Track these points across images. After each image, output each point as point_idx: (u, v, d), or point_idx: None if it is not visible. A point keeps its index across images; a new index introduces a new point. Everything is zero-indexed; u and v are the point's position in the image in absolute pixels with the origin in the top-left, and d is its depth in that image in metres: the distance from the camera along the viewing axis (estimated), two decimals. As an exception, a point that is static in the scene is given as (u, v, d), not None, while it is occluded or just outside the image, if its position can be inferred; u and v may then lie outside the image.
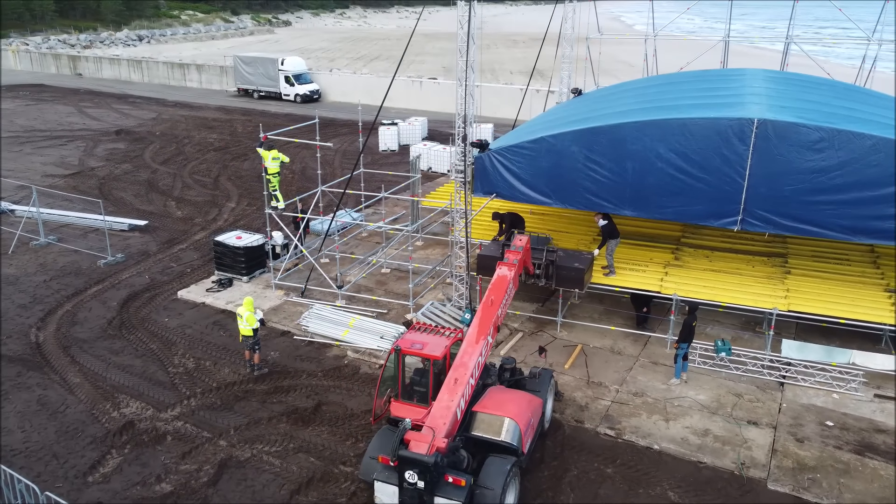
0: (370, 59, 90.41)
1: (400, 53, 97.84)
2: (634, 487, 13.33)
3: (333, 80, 55.39)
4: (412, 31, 20.75)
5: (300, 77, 53.76)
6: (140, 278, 22.48)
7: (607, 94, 24.03)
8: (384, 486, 11.72)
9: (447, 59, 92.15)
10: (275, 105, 52.63)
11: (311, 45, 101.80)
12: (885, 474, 13.54)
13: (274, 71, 53.49)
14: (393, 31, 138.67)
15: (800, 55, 29.84)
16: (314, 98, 53.64)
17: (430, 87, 51.56)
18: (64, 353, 18.04)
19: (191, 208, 29.26)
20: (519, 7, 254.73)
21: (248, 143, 40.49)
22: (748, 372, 16.81)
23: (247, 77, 55.15)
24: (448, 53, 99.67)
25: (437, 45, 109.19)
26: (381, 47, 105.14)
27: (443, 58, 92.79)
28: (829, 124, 15.45)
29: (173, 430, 14.98)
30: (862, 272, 18.75)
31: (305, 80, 54.06)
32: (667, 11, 29.41)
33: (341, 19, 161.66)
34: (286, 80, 53.28)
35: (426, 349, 13.10)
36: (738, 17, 28.31)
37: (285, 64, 53.36)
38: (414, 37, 37.67)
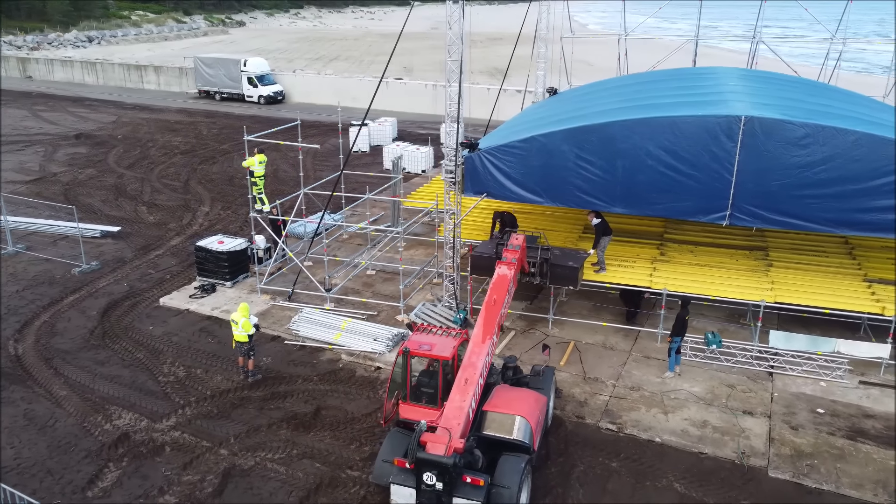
0: (329, 59, 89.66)
1: (358, 54, 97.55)
2: (641, 480, 13.53)
3: (297, 81, 54.78)
4: (400, 31, 20.63)
5: (263, 78, 53.02)
6: (118, 286, 21.89)
7: (586, 93, 24.31)
8: (401, 488, 11.66)
9: (407, 59, 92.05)
10: (238, 107, 51.80)
11: (267, 46, 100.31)
12: (879, 458, 14.03)
13: (236, 72, 52.65)
14: (349, 31, 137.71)
15: (764, 54, 30.65)
16: (278, 99, 52.98)
17: (396, 88, 51.43)
18: (46, 366, 17.47)
19: (163, 213, 28.62)
20: (473, 7, 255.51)
21: (214, 146, 39.82)
22: (738, 363, 17.22)
23: (208, 78, 54.14)
24: (407, 53, 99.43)
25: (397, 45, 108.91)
26: (339, 48, 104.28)
27: (403, 58, 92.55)
28: (813, 120, 15.92)
29: (171, 441, 14.64)
30: (839, 263, 19.37)
31: (269, 81, 53.35)
32: (631, 13, 29.78)
33: (296, 19, 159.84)
34: (249, 82, 52.50)
35: (434, 350, 13.08)
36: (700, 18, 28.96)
37: (248, 65, 52.57)
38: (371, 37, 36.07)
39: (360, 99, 52.16)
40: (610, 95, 21.81)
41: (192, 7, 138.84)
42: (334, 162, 36.54)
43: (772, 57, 29.45)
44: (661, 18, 32.71)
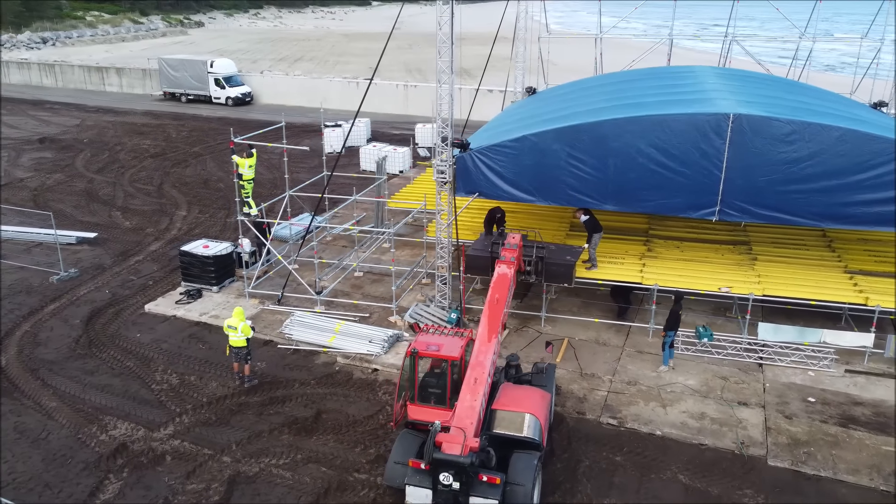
0: (293, 60, 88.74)
1: (322, 54, 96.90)
2: (646, 473, 13.75)
3: (265, 82, 54.13)
4: (390, 32, 20.42)
5: (231, 79, 52.28)
6: (100, 293, 21.40)
7: (568, 92, 24.57)
8: (417, 490, 11.66)
9: (372, 59, 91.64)
10: (205, 109, 50.96)
11: (228, 47, 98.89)
12: (871, 443, 14.48)
13: (203, 73, 51.80)
14: (311, 31, 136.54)
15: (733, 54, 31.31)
16: (246, 101, 52.29)
17: (366, 88, 51.05)
18: (32, 377, 17.00)
19: (139, 218, 28.04)
20: (433, 7, 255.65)
21: (185, 149, 39.14)
22: (729, 356, 17.59)
23: (173, 80, 53.16)
24: (372, 54, 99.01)
25: (359, 45, 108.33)
26: (302, 48, 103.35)
27: (368, 58, 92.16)
28: (799, 117, 16.36)
29: (171, 450, 14.38)
30: (820, 256, 19.93)
31: (236, 82, 52.62)
32: (591, 13, 30.24)
33: (256, 20, 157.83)
34: (216, 83, 51.70)
35: (442, 350, 13.09)
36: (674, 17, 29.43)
37: (215, 66, 51.76)
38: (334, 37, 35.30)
39: (330, 100, 51.79)
40: (593, 94, 22.08)
41: (149, 7, 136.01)
42: (310, 164, 36.29)
43: (742, 56, 30.14)
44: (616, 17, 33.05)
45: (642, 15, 31.66)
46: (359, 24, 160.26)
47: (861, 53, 27.63)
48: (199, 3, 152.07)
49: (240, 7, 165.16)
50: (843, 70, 42.38)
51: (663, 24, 28.55)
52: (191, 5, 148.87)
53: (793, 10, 27.67)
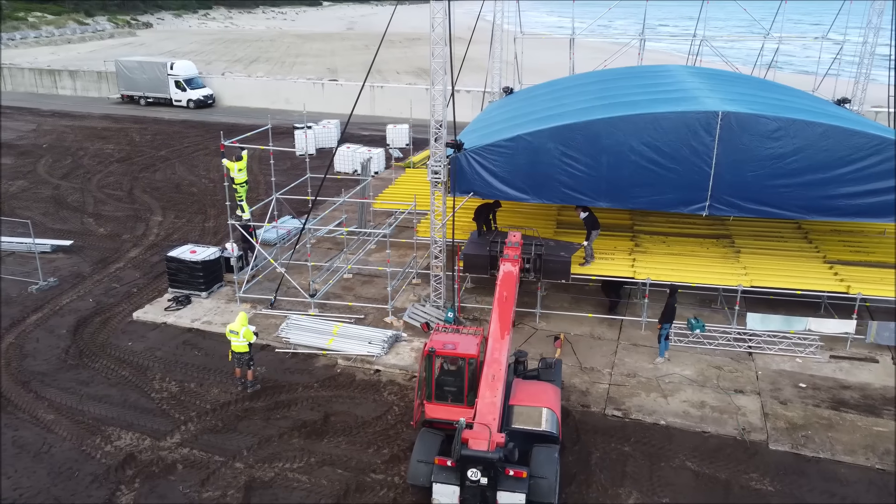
0: (249, 61, 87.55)
1: (278, 55, 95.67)
2: (656, 462, 14.14)
3: (227, 84, 53.31)
4: (384, 32, 20.36)
5: (192, 81, 51.34)
6: (83, 302, 20.88)
7: (548, 92, 24.95)
8: (444, 487, 11.79)
9: (329, 60, 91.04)
10: (166, 111, 49.93)
11: (180, 48, 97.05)
12: (863, 425, 15.18)
13: (163, 75, 50.75)
14: (263, 32, 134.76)
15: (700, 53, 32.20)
16: (208, 103, 51.45)
17: (332, 89, 50.85)
18: (24, 389, 16.53)
19: (113, 224, 27.39)
20: (385, 7, 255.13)
21: (151, 153, 38.34)
22: (720, 346, 18.18)
23: (131, 83, 51.95)
24: (328, 55, 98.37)
25: (314, 46, 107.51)
26: (256, 49, 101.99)
27: (324, 59, 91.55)
28: (782, 114, 17.01)
29: (181, 458, 14.20)
30: (799, 247, 20.72)
31: (198, 84, 51.70)
32: (561, 15, 30.65)
33: (206, 20, 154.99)
34: (177, 85, 50.73)
35: (459, 349, 13.25)
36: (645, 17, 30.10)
37: (175, 68, 50.77)
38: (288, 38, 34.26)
39: (293, 101, 51.37)
40: (577, 94, 22.50)
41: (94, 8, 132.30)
42: (282, 166, 35.94)
43: (708, 56, 30.98)
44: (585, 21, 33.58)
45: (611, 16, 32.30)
46: (311, 25, 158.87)
47: (822, 52, 28.71)
48: (147, 4, 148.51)
49: (188, 7, 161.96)
50: (805, 69, 43.92)
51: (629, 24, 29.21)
52: (137, 5, 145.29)
53: (758, 10, 28.60)
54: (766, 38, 29.04)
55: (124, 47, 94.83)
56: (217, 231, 26.72)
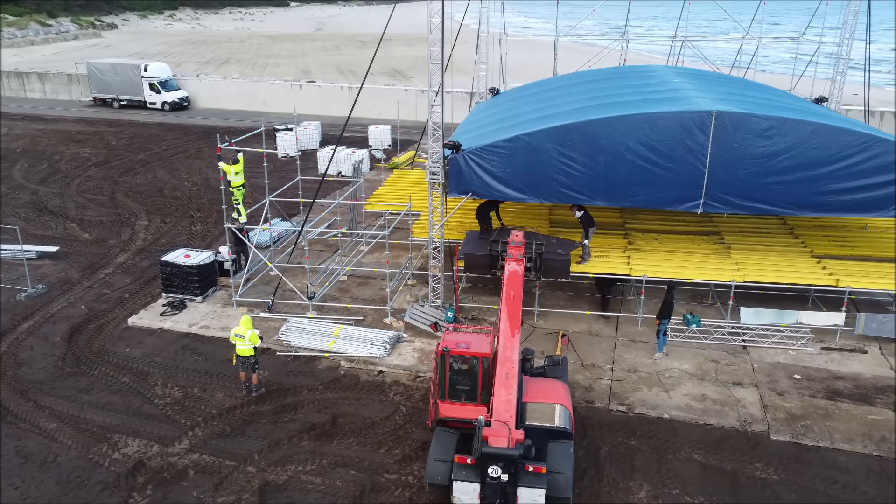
0: (220, 63, 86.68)
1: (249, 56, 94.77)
2: (663, 455, 14.44)
3: (202, 86, 52.68)
4: (381, 34, 20.39)
5: (166, 84, 50.66)
6: (75, 309, 20.57)
7: (537, 93, 25.22)
8: (464, 485, 11.91)
9: (301, 61, 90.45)
10: (141, 114, 49.17)
11: (147, 50, 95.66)
12: (858, 414, 15.68)
13: (136, 78, 50.00)
14: (232, 33, 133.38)
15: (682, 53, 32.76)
16: (184, 105, 50.81)
17: (310, 91, 50.59)
18: (23, 399, 16.27)
19: (98, 230, 26.97)
20: (352, 7, 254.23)
21: (130, 157, 37.79)
22: (715, 340, 18.59)
23: (104, 85, 51.07)
24: (299, 55, 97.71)
25: (284, 47, 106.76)
26: (226, 50, 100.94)
27: (296, 60, 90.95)
28: (775, 113, 17.47)
29: (192, 464, 14.12)
30: (786, 242, 21.27)
31: (172, 86, 51.02)
32: (531, 17, 30.89)
33: (172, 21, 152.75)
34: (151, 88, 50.02)
35: (472, 348, 13.38)
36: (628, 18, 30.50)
37: (149, 70, 50.04)
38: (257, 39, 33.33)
39: (270, 103, 51.08)
40: (568, 94, 22.80)
41: (56, 8, 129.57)
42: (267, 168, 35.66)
43: (687, 56, 31.57)
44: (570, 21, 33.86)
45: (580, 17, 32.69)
46: (279, 26, 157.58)
47: (799, 52, 29.45)
48: (111, 4, 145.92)
49: (153, 8, 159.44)
50: (782, 68, 44.89)
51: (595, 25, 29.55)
52: (101, 6, 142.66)
53: (737, 10, 29.21)
54: (744, 39, 29.67)
55: (90, 49, 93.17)
56: (205, 235, 26.48)
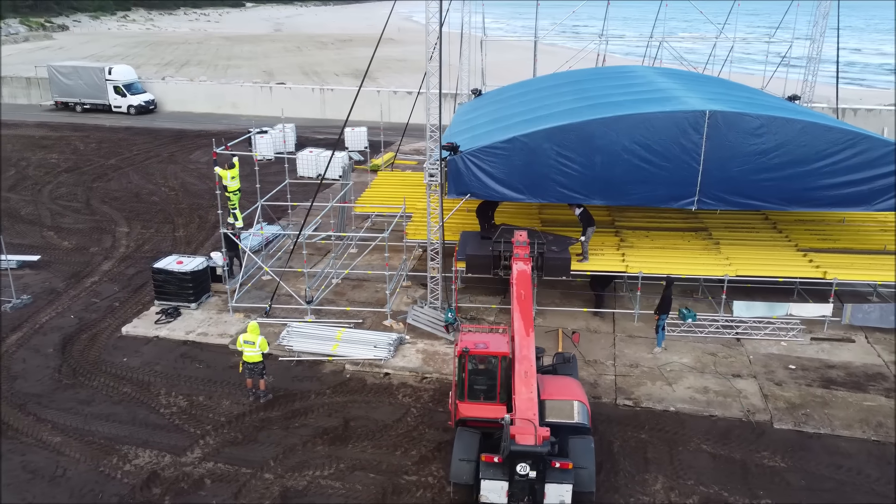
0: (180, 65, 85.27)
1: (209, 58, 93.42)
2: (674, 447, 14.79)
3: (169, 89, 51.70)
4: (380, 35, 20.33)
5: (132, 87, 49.59)
6: (64, 319, 20.08)
7: (523, 93, 25.49)
8: (493, 483, 12.03)
9: (262, 62, 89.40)
10: (106, 118, 48.03)
11: (103, 52, 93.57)
12: (853, 401, 16.28)
13: (100, 81, 48.83)
14: (188, 34, 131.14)
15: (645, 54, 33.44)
16: (150, 109, 49.80)
17: (280, 93, 50.05)
18: (22, 412, 15.85)
19: (78, 237, 26.33)
20: (309, 8, 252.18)
21: (100, 162, 36.94)
22: (710, 334, 19.08)
23: (66, 89, 49.72)
24: (260, 57, 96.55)
25: (244, 48, 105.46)
26: (185, 52, 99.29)
27: (258, 62, 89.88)
28: (765, 112, 18.02)
29: (207, 472, 13.96)
30: (771, 237, 21.93)
31: (137, 89, 49.98)
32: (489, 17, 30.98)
33: (125, 22, 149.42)
34: (116, 91, 48.90)
35: (491, 347, 13.51)
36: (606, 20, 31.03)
37: (113, 73, 48.89)
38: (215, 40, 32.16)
39: (240, 106, 50.46)
40: (556, 95, 23.10)
41: (4, 9, 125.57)
42: (241, 171, 35.15)
43: (682, 57, 32.21)
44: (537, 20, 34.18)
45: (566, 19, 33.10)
46: (236, 27, 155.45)
47: (770, 51, 30.34)
48: (61, 5, 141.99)
49: (105, 9, 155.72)
50: (754, 67, 46.03)
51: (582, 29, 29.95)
52: (51, 7, 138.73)
53: (711, 10, 29.94)
54: (717, 39, 30.43)
55: (43, 51, 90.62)
56: (189, 241, 26.08)
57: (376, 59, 29.89)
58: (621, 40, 29.92)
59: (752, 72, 32.47)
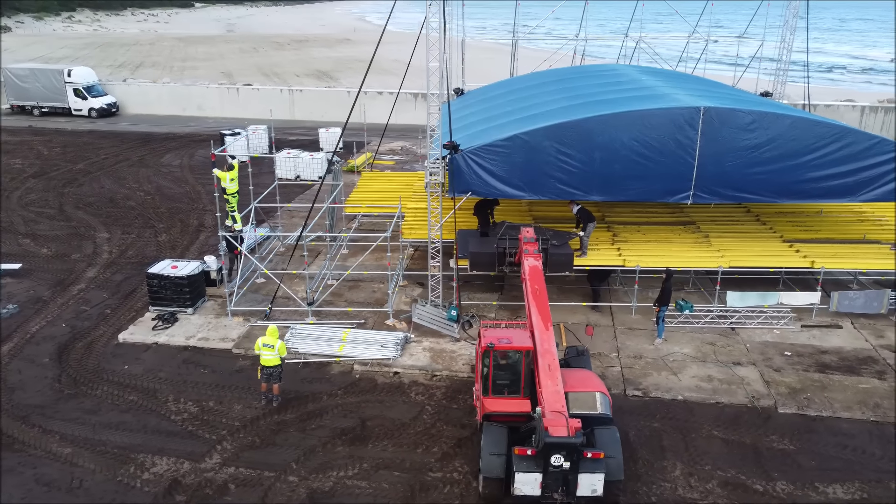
0: (134, 66, 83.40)
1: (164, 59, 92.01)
2: (687, 434, 15.20)
3: (131, 91, 50.51)
4: (380, 36, 20.27)
5: (92, 89, 48.31)
6: (56, 328, 19.54)
7: (508, 92, 25.78)
8: (527, 475, 12.20)
9: (219, 63, 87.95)
10: (67, 122, 46.68)
11: (51, 53, 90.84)
12: (849, 384, 16.97)
13: (59, 83, 47.42)
14: (138, 34, 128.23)
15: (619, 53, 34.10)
16: (112, 112, 48.59)
17: (248, 94, 49.38)
18: (25, 424, 15.39)
19: (56, 244, 25.57)
20: (260, 8, 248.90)
21: (68, 167, 35.93)
22: (707, 324, 19.63)
23: (23, 92, 48.14)
24: (216, 58, 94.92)
25: (199, 49, 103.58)
26: (138, 53, 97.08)
27: (215, 63, 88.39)
28: (756, 108, 18.63)
29: (230, 478, 13.79)
30: (756, 229, 22.66)
31: (98, 92, 48.72)
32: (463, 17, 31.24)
33: (71, 23, 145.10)
34: (76, 94, 47.58)
35: (515, 342, 13.69)
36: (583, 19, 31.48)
37: (73, 75, 47.56)
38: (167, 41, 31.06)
39: (206, 108, 49.67)
40: (545, 94, 23.45)
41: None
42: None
43: (659, 56, 32.82)
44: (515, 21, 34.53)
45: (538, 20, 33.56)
46: (187, 27, 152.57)
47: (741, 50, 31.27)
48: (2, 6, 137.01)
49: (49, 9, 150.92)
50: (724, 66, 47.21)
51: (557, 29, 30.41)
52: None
53: (685, 9, 30.69)
54: (690, 37, 31.22)
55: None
56: (174, 245, 25.60)
57: (334, 59, 29.83)
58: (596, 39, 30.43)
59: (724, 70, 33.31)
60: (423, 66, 18.68)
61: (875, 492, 13.54)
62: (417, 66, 23.48)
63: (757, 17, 29.66)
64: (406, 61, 28.82)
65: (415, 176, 29.34)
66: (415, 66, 23.20)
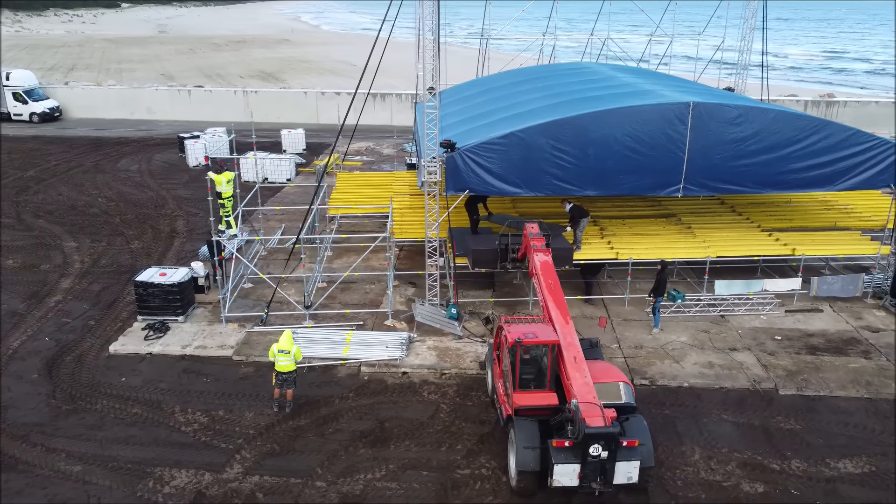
0: (67, 69, 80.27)
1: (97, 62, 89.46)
2: (699, 419, 15.66)
3: (74, 95, 48.51)
4: (376, 36, 20.04)
5: (33, 93, 46.21)
6: (39, 342, 18.65)
7: (483, 91, 25.98)
8: (565, 467, 12.35)
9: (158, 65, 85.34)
10: (7, 127, 44.40)
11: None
12: (839, 364, 17.80)
13: (-4, 87, 45.21)
14: (64, 36, 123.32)
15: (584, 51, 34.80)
16: (55, 116, 46.58)
17: (200, 96, 48.11)
18: (26, 444, 14.67)
19: (22, 255, 24.39)
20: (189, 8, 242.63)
21: (18, 174, 34.29)
22: (697, 312, 20.24)
23: (-44, 97, 45.69)
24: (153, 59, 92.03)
25: (132, 51, 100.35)
26: (68, 55, 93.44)
27: (152, 64, 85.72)
28: (740, 102, 19.32)
29: (256, 487, 13.48)
30: (734, 219, 23.50)
31: (39, 95, 46.62)
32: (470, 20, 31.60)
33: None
34: (16, 98, 45.41)
35: (541, 336, 13.82)
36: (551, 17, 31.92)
37: (11, 78, 45.39)
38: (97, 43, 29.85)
39: (156, 111, 48.21)
40: (524, 92, 23.76)
41: None
42: (180, 178, 33.91)
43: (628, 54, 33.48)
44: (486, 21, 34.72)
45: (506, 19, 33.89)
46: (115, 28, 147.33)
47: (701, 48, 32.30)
48: None
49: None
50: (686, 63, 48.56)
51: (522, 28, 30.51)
52: None
53: (648, 8, 31.49)
54: (652, 36, 32.09)
55: None
56: (149, 252, 24.77)
57: (277, 60, 29.39)
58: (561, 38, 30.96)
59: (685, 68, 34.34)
60: (376, 66, 18.58)
61: (882, 465, 14.26)
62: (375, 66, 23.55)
63: (717, 17, 30.72)
64: (352, 62, 28.75)
65: (392, 175, 29.22)
66: (372, 66, 23.08)
